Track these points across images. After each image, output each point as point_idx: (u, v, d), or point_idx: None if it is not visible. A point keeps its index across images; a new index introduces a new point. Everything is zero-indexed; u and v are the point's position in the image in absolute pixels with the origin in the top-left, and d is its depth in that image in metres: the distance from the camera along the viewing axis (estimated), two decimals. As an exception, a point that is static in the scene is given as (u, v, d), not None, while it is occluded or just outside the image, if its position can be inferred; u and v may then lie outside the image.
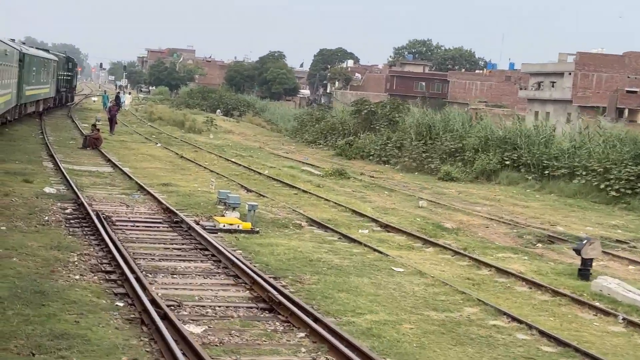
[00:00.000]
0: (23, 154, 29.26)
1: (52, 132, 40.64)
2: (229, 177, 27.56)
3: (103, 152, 32.22)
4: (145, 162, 30.46)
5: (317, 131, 48.62)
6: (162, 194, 22.20)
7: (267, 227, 18.69)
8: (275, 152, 42.17)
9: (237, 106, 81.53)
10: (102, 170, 26.95)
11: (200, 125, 53.21)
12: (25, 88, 39.97)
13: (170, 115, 61.25)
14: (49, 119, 50.60)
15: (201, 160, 32.70)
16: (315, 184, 28.01)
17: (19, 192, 19.95)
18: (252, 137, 52.78)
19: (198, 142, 43.50)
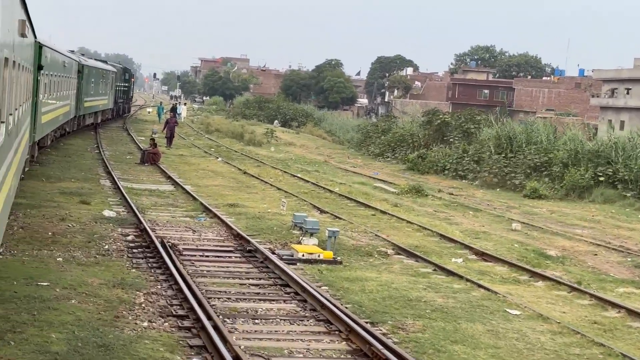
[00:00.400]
0: (79, 170, 28.09)
1: (108, 146, 39.62)
2: (298, 195, 25.94)
3: (162, 168, 30.92)
4: (207, 179, 29.03)
5: (384, 143, 46.75)
6: (229, 216, 20.65)
7: (349, 255, 16.99)
8: (342, 166, 40.46)
9: (296, 116, 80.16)
10: (163, 188, 25.57)
11: (260, 138, 51.84)
12: (84, 99, 40.06)
13: (227, 127, 60.10)
14: (104, 131, 49.79)
15: (266, 176, 31.17)
16: (392, 202, 26.22)
17: (76, 216, 18.57)
18: (315, 149, 51.19)
19: (259, 155, 42.07)
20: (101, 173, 28.20)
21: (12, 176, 11.81)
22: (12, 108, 10.56)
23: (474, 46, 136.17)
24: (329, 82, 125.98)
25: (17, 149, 12.69)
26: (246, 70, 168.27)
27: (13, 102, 10.64)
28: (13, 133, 11.00)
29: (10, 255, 14.44)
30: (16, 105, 11.56)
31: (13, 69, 9.99)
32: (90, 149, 37.19)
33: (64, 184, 24.13)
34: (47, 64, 24.18)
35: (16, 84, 11.20)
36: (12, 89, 10.16)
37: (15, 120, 11.25)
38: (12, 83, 9.96)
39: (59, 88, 29.64)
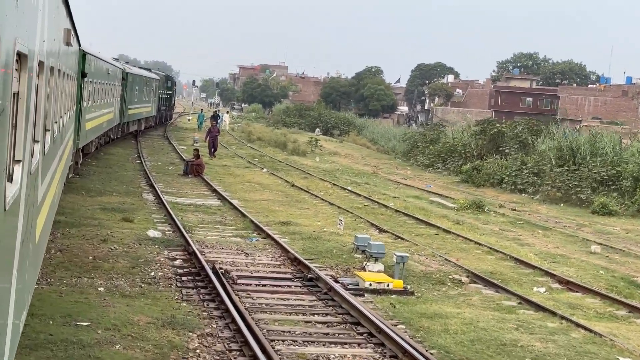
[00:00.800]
0: (120, 183, 26.63)
1: (150, 156, 38.23)
2: (352, 211, 24.20)
3: (206, 180, 29.37)
4: (254, 193, 27.40)
5: (434, 154, 44.75)
6: (283, 236, 18.96)
7: (419, 283, 15.21)
8: (392, 178, 38.62)
9: (337, 124, 78.48)
10: (209, 203, 23.98)
11: (304, 147, 50.20)
12: (128, 107, 39.97)
13: (270, 136, 58.60)
14: (144, 140, 48.51)
15: (315, 189, 29.47)
16: (453, 220, 24.36)
17: (118, 237, 17.00)
18: (361, 159, 49.41)
19: (305, 166, 40.40)
20: (143, 186, 26.70)
21: (57, 183, 11.84)
22: (57, 116, 10.62)
23: (517, 53, 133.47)
24: (369, 90, 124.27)
25: (61, 156, 12.74)
26: (285, 78, 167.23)
27: (58, 110, 10.68)
28: (58, 140, 11.03)
29: (47, 284, 12.89)
30: (61, 113, 11.57)
31: (58, 78, 9.99)
32: (132, 159, 35.82)
33: (105, 199, 22.64)
34: (91, 71, 24.11)
35: (61, 92, 11.22)
36: (57, 97, 10.20)
37: (60, 127, 11.28)
38: (57, 91, 9.97)
39: (103, 95, 29.48)
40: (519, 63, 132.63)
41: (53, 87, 9.03)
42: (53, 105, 9.38)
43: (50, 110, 8.89)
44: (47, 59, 7.45)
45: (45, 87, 7.68)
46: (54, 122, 9.64)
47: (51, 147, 9.27)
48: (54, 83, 9.04)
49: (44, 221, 8.62)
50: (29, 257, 6.50)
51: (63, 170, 14.59)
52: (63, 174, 14.91)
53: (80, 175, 26.61)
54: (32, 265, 7.09)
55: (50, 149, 9.02)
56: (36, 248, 7.55)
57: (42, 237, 8.81)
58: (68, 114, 14.67)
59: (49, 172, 9.06)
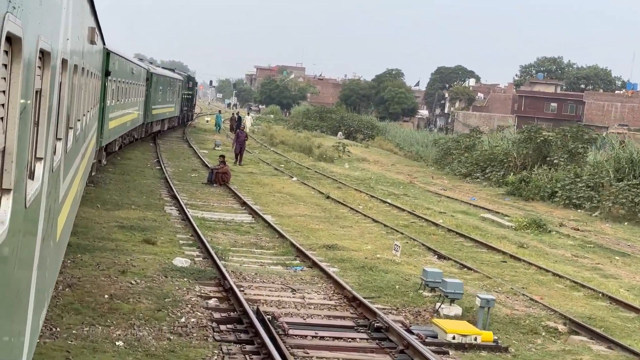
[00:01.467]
0: (140, 193, 23.80)
1: (169, 161, 35.43)
2: (400, 230, 21.29)
3: (233, 190, 26.50)
4: (288, 206, 24.50)
5: (471, 162, 41.59)
6: (331, 264, 16.07)
7: (508, 333, 12.31)
8: (430, 188, 35.61)
9: (360, 128, 75.49)
10: (240, 219, 21.11)
11: (330, 152, 47.27)
12: (152, 107, 39.48)
13: (293, 139, 55.71)
14: (163, 142, 45.73)
15: (352, 202, 26.57)
16: (515, 241, 21.40)
17: (139, 265, 14.13)
18: (391, 166, 46.42)
19: (335, 174, 37.49)
20: (165, 197, 23.84)
21: (79, 180, 11.74)
22: (80, 114, 10.48)
23: (540, 57, 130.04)
24: (389, 93, 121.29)
25: (84, 154, 12.56)
26: (302, 79, 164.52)
27: (81, 108, 10.55)
28: (80, 138, 10.91)
29: (51, 335, 10.05)
30: (84, 111, 11.42)
31: (82, 76, 9.88)
32: (151, 164, 33.00)
33: (123, 213, 19.79)
34: (115, 70, 23.73)
35: (84, 90, 11.08)
36: (80, 96, 10.04)
37: (82, 125, 11.13)
38: (80, 89, 9.85)
39: (127, 95, 29.08)
40: (542, 67, 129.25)
41: (76, 85, 8.84)
42: (76, 103, 9.20)
43: (73, 108, 8.72)
44: (71, 57, 7.34)
45: (69, 85, 7.53)
46: (76, 120, 9.55)
47: (74, 145, 9.14)
48: (77, 81, 8.88)
49: (65, 219, 8.46)
50: (49, 255, 6.38)
51: (86, 168, 14.33)
52: (85, 172, 14.69)
53: (95, 184, 23.79)
54: (52, 263, 6.97)
55: (72, 147, 8.88)
56: (57, 246, 7.45)
57: (64, 234, 8.72)
58: (91, 112, 14.42)
59: (71, 170, 8.99)
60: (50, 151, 5.93)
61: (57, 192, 7.00)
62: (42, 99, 5.22)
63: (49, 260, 6.41)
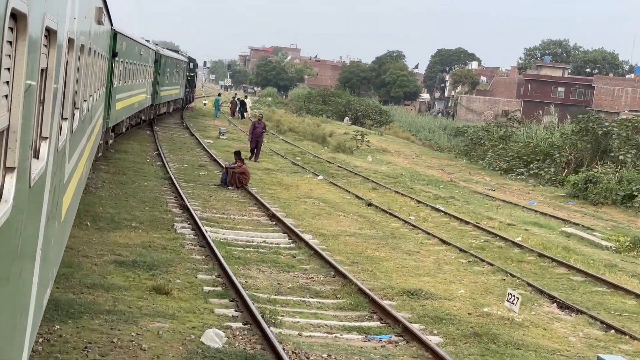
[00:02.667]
0: (140, 202, 18.57)
1: (171, 153, 30.18)
2: (474, 253, 16.24)
3: (254, 195, 21.33)
4: (326, 218, 19.31)
5: (511, 156, 36.34)
6: (426, 326, 10.94)
7: None
8: (474, 187, 30.44)
9: (368, 113, 70.21)
10: (273, 240, 15.97)
11: (348, 142, 42.05)
12: (160, 89, 38.88)
13: (302, 126, 50.48)
14: (161, 130, 40.41)
15: (398, 209, 21.49)
16: (629, 271, 16.33)
17: (151, 349, 8.93)
18: (417, 159, 41.22)
19: (360, 169, 32.36)
20: (172, 206, 18.60)
21: (85, 161, 11.44)
22: (87, 94, 10.27)
23: (546, 40, 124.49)
24: (391, 75, 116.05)
25: (90, 135, 12.16)
26: (299, 61, 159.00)
27: (87, 89, 10.29)
28: (87, 119, 10.71)
29: None
30: (90, 92, 11.17)
31: (88, 56, 9.77)
32: (150, 158, 27.74)
33: (121, 236, 14.59)
34: (122, 51, 23.17)
35: (91, 70, 10.84)
36: (87, 76, 9.79)
37: (89, 106, 10.88)
38: (87, 69, 9.64)
39: (135, 76, 28.50)
40: (547, 50, 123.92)
41: (83, 65, 8.68)
42: (82, 83, 8.89)
43: (80, 88, 8.50)
44: (77, 37, 7.24)
45: (75, 65, 7.29)
46: (83, 100, 9.31)
47: (80, 125, 8.89)
48: (84, 61, 8.77)
49: (70, 199, 8.24)
50: (54, 235, 6.28)
51: (92, 148, 14.06)
52: (92, 152, 14.37)
53: (86, 188, 18.53)
54: (57, 244, 6.85)
55: (78, 127, 8.62)
56: (62, 226, 7.28)
57: (69, 214, 8.50)
58: (98, 93, 14.15)
59: (77, 150, 8.81)
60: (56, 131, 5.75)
61: (63, 172, 6.78)
62: (48, 78, 5.09)
63: (53, 240, 6.23)
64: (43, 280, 5.65)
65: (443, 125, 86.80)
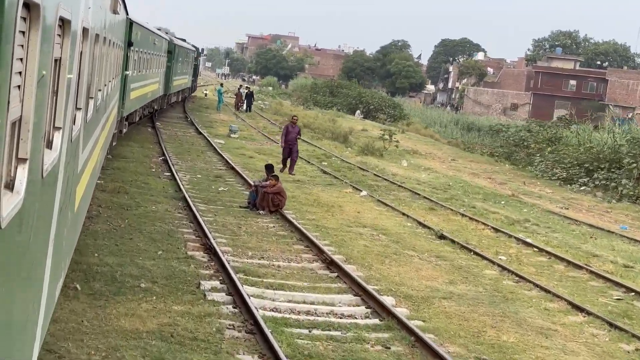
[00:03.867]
0: (150, 241, 13.44)
1: (180, 159, 25.07)
2: (625, 325, 11.21)
3: (294, 222, 16.24)
4: (397, 263, 14.19)
5: (570, 162, 31.19)
6: None
7: None
8: (539, 202, 25.33)
9: (382, 107, 65.03)
10: (346, 311, 10.92)
11: (374, 140, 36.94)
12: (172, 79, 38.21)
13: (317, 122, 45.31)
14: (164, 126, 35.26)
15: (478, 244, 16.48)
16: None
17: None
18: (454, 163, 36.10)
19: (400, 178, 27.30)
20: (194, 248, 13.46)
21: (99, 151, 11.36)
22: (101, 84, 10.13)
23: (555, 31, 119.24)
24: (396, 66, 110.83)
25: (104, 124, 12.07)
26: (298, 49, 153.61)
27: (102, 78, 10.23)
28: (101, 108, 10.55)
29: None
30: (105, 81, 11.07)
31: (104, 45, 9.62)
32: (156, 167, 22.60)
33: (126, 314, 9.51)
34: (137, 41, 22.74)
35: (106, 60, 10.69)
36: (101, 65, 9.72)
37: (103, 95, 10.74)
38: (101, 59, 9.53)
39: (148, 65, 28.03)
40: (557, 42, 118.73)
41: (97, 55, 8.47)
42: (97, 72, 8.83)
43: (94, 78, 8.39)
44: (92, 26, 7.07)
45: (89, 55, 7.17)
46: (97, 90, 9.19)
47: (94, 115, 8.79)
48: (98, 51, 8.57)
49: (84, 189, 8.20)
50: (67, 225, 6.20)
51: (106, 138, 13.66)
52: (106, 142, 13.96)
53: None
54: (70, 233, 6.80)
55: (92, 117, 8.53)
56: (75, 216, 7.22)
57: (82, 204, 8.42)
58: (113, 82, 13.77)
59: (90, 140, 8.66)
60: (70, 121, 5.67)
61: (76, 162, 6.71)
62: (62, 68, 4.97)
63: (66, 231, 6.21)
64: (56, 271, 5.51)
65: (455, 119, 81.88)
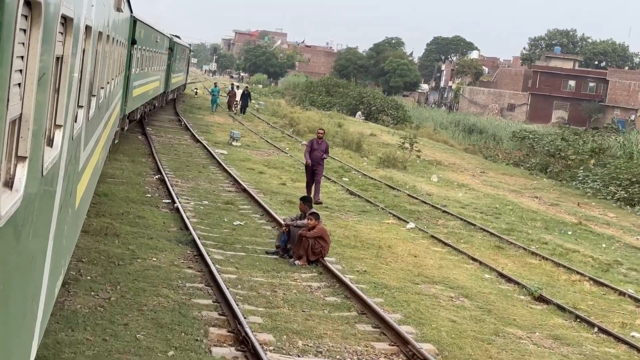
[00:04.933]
0: (156, 327, 8.91)
1: (179, 177, 20.51)
2: None
3: (342, 278, 11.75)
4: (507, 355, 9.75)
5: (630, 180, 26.67)
6: None
7: None
8: (613, 232, 20.93)
9: (384, 108, 60.59)
10: None
11: (390, 150, 32.47)
12: (171, 76, 38.48)
13: (326, 127, 40.69)
14: (155, 132, 30.67)
15: (587, 309, 12.09)
16: None
17: None
18: (485, 176, 31.66)
19: (437, 198, 22.89)
20: (220, 341, 8.93)
21: (101, 149, 11.15)
22: (104, 82, 9.98)
23: (552, 29, 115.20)
24: (390, 64, 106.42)
25: (107, 122, 11.86)
26: (287, 46, 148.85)
27: (105, 76, 10.09)
28: (103, 106, 10.37)
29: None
30: (108, 79, 10.90)
31: (107, 43, 9.51)
32: (151, 188, 18.00)
33: None
34: (140, 39, 22.42)
35: (109, 58, 10.56)
36: (104, 63, 9.60)
37: (106, 93, 10.54)
38: (104, 57, 9.39)
39: (151, 63, 27.80)
40: (554, 41, 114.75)
41: (100, 53, 8.38)
42: (100, 70, 8.68)
43: (97, 75, 8.26)
44: (95, 24, 6.97)
45: (92, 52, 7.06)
46: (100, 87, 9.05)
47: (96, 112, 8.61)
48: (101, 48, 8.46)
49: (85, 187, 8.11)
50: (67, 222, 6.14)
51: (108, 136, 13.48)
52: (108, 139, 13.77)
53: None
54: (70, 231, 6.76)
55: (94, 115, 8.42)
56: (76, 213, 7.16)
57: (83, 202, 8.30)
58: (116, 80, 13.70)
59: (92, 138, 8.56)
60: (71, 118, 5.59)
61: (77, 160, 6.64)
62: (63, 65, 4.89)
63: (67, 228, 6.15)
64: (55, 268, 5.53)
65: (455, 120, 77.60)
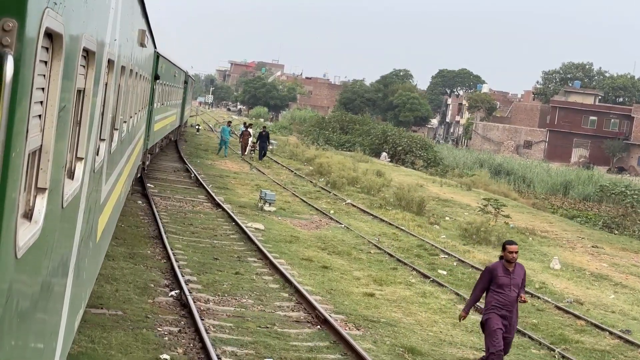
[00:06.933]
0: None
1: (203, 284, 12.68)
2: None
3: None
4: None
5: None
6: None
7: None
8: None
9: (412, 148, 52.94)
10: None
11: (475, 214, 24.69)
12: (185, 109, 38.61)
13: (359, 175, 32.98)
14: (159, 189, 22.92)
15: None
16: None
17: None
18: (601, 252, 23.76)
19: (586, 307, 15.06)
20: None
21: (124, 182, 11.14)
22: (127, 116, 9.97)
23: (567, 63, 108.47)
24: (399, 98, 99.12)
25: (129, 156, 11.86)
26: (286, 77, 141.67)
27: (128, 110, 10.05)
28: (126, 140, 10.32)
29: None
30: (131, 113, 10.85)
31: (130, 77, 9.47)
32: (168, 327, 10.15)
33: None
34: (162, 73, 22.34)
35: (132, 92, 10.56)
36: (127, 97, 9.58)
37: (129, 127, 10.48)
38: (127, 92, 9.38)
39: (170, 97, 27.85)
40: (568, 74, 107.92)
41: (123, 87, 8.34)
42: (122, 104, 8.62)
43: (119, 109, 8.24)
44: (118, 58, 6.97)
45: (115, 86, 7.11)
46: (122, 121, 9.01)
47: (118, 146, 8.67)
48: (124, 83, 8.43)
49: (107, 220, 8.08)
50: (88, 255, 6.11)
51: (131, 170, 13.40)
52: (131, 173, 13.78)
53: None
54: (91, 264, 6.69)
55: (117, 148, 8.47)
56: (97, 247, 7.12)
57: (105, 235, 8.30)
58: (139, 115, 13.64)
59: (114, 171, 8.54)
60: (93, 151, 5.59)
61: (99, 193, 6.62)
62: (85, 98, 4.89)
63: (87, 261, 6.08)
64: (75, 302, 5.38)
65: (479, 160, 70.02)
